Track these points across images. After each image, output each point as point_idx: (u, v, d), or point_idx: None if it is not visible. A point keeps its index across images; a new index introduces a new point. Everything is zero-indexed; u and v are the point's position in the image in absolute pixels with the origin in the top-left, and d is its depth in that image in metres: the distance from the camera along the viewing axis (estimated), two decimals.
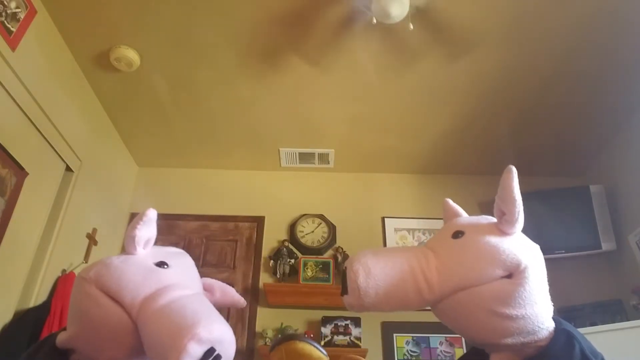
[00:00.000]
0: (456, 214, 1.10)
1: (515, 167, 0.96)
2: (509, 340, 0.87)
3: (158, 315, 0.81)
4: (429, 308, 0.97)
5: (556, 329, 0.91)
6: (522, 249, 0.91)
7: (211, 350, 0.76)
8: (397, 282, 0.91)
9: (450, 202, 1.13)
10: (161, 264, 0.93)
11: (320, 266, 3.13)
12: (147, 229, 0.94)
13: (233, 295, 1.06)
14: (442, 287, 0.90)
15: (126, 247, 0.95)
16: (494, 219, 0.97)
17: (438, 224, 3.47)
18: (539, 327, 0.87)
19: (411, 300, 0.92)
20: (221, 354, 0.78)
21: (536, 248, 0.96)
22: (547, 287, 0.92)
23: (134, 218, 0.95)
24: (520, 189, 0.93)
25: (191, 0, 2.27)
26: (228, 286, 1.07)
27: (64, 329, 0.92)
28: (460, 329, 0.94)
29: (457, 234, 0.96)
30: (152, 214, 0.94)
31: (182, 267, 0.97)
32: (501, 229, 0.94)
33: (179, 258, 0.99)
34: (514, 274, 0.88)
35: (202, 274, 3.12)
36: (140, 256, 0.94)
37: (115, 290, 0.85)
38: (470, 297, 0.88)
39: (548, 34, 2.42)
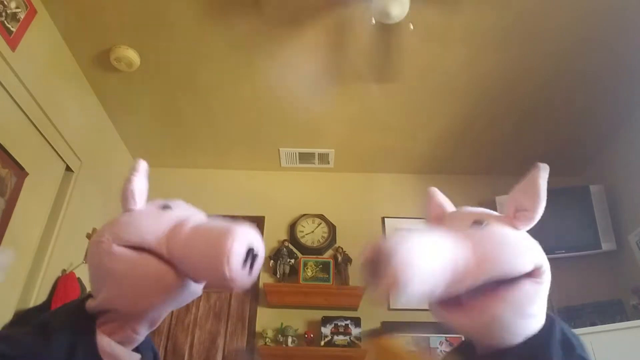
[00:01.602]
0: (441, 204, 1.07)
1: (515, 167, 0.96)
2: (522, 338, 0.87)
3: (191, 238, 0.85)
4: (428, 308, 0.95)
5: None
6: (539, 247, 0.92)
7: (251, 250, 0.83)
8: (439, 278, 0.81)
9: (435, 190, 1.09)
10: (166, 207, 0.97)
11: (320, 266, 3.13)
12: (143, 181, 0.98)
13: None
14: (476, 278, 0.84)
15: (126, 203, 0.97)
16: (495, 212, 0.97)
17: None
18: (539, 321, 0.89)
19: (444, 287, 0.83)
20: (257, 253, 0.84)
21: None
22: None
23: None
24: None
25: (191, 0, 2.27)
26: None
27: (88, 297, 0.93)
28: (486, 335, 0.89)
29: (477, 223, 0.92)
30: (144, 165, 0.98)
31: (183, 206, 1.02)
32: (514, 224, 0.93)
33: (176, 201, 1.04)
34: (536, 272, 0.88)
35: None
36: (142, 208, 0.97)
37: (138, 239, 0.88)
38: (503, 301, 0.85)
39: (548, 34, 2.42)
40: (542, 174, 0.92)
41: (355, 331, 2.94)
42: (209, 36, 2.46)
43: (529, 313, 0.87)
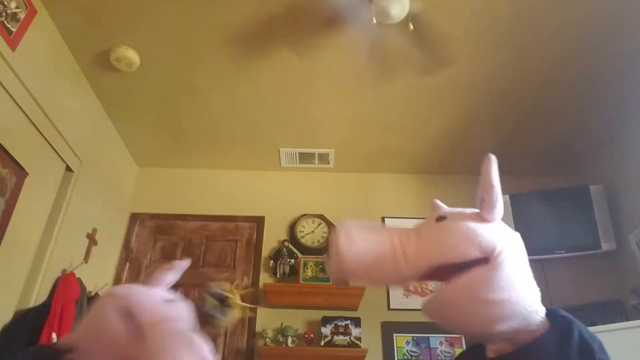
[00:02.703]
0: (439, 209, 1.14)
1: (516, 167, 0.97)
2: (501, 327, 0.88)
3: (168, 334, 0.96)
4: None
5: (555, 316, 0.92)
6: (499, 234, 0.95)
7: None
8: (377, 251, 0.95)
9: (439, 202, 1.17)
10: (171, 301, 1.10)
11: (320, 266, 3.13)
12: (174, 276, 1.18)
13: None
14: (418, 260, 0.94)
15: (152, 280, 1.16)
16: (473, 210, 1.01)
17: None
18: (527, 310, 0.89)
19: (388, 271, 0.95)
20: None
21: (515, 235, 0.99)
22: (529, 273, 0.95)
23: (134, 219, 1.09)
24: (521, 189, 0.95)
25: (191, 0, 2.27)
26: None
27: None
28: (452, 323, 0.96)
29: (441, 219, 1.00)
30: (184, 265, 1.20)
31: (184, 308, 1.12)
32: (482, 217, 0.98)
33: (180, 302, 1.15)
34: (489, 258, 0.90)
35: (202, 274, 3.14)
36: (157, 290, 1.13)
37: (136, 309, 0.99)
38: (454, 290, 0.91)
39: (547, 34, 2.42)
40: (491, 163, 0.98)
41: (355, 331, 2.94)
42: (209, 36, 2.46)
43: (485, 298, 0.88)
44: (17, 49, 2.10)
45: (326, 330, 2.95)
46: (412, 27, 2.21)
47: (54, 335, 2.17)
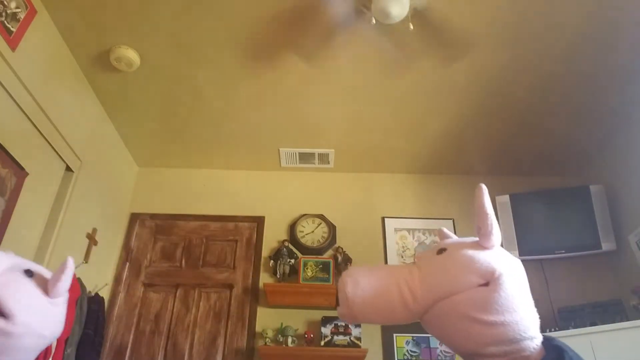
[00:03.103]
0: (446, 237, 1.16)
1: (516, 167, 0.98)
2: (492, 350, 0.88)
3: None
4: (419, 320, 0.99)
5: (548, 345, 0.91)
6: (498, 258, 0.95)
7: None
8: (383, 292, 0.98)
9: (445, 230, 1.19)
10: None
11: (320, 266, 3.13)
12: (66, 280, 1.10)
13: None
14: (425, 297, 0.95)
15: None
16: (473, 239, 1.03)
17: (438, 224, 3.48)
18: (522, 335, 0.88)
19: (397, 310, 0.98)
20: None
21: (516, 261, 0.99)
22: (529, 297, 0.94)
23: (135, 219, 1.06)
24: (521, 189, 0.95)
25: (191, 0, 2.27)
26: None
27: None
28: (445, 339, 0.97)
29: (441, 251, 1.02)
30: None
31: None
32: (480, 244, 0.99)
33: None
34: (490, 281, 0.91)
35: (202, 274, 3.13)
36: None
37: None
38: (450, 305, 0.92)
39: (547, 34, 2.42)
40: (482, 192, 1.00)
41: (355, 331, 2.94)
42: (209, 36, 2.46)
43: (479, 318, 0.88)
44: (17, 49, 2.10)
45: (326, 330, 2.95)
46: (412, 27, 2.21)
47: None
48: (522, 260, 1.01)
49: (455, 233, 1.24)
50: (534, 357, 0.89)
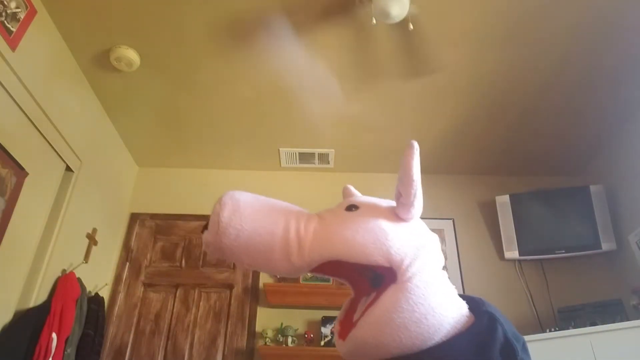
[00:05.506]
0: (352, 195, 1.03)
1: (516, 167, 0.93)
2: (435, 337, 0.81)
3: None
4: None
5: (479, 311, 0.85)
6: (411, 240, 0.84)
7: None
8: (265, 231, 0.82)
9: (351, 187, 1.06)
10: None
11: None
12: None
13: None
14: (312, 252, 0.82)
15: None
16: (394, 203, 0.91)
17: (438, 224, 3.47)
18: (444, 315, 0.81)
19: (275, 258, 0.83)
20: None
21: (432, 238, 0.89)
22: (445, 278, 0.87)
23: (135, 219, 0.98)
24: (521, 189, 0.91)
25: (191, 0, 2.27)
26: None
27: None
28: (381, 356, 0.83)
29: (351, 208, 0.90)
30: None
31: None
32: (397, 213, 0.87)
33: None
34: (397, 271, 0.81)
35: (202, 274, 3.14)
36: None
37: None
38: (368, 321, 0.81)
39: (547, 35, 2.42)
40: (412, 152, 0.83)
41: None
42: (209, 36, 2.46)
43: (404, 321, 0.79)
44: (17, 49, 2.10)
45: (326, 330, 2.95)
46: (412, 27, 2.21)
47: (54, 335, 2.17)
48: (523, 260, 0.99)
49: (455, 233, 1.19)
50: (462, 325, 0.83)
